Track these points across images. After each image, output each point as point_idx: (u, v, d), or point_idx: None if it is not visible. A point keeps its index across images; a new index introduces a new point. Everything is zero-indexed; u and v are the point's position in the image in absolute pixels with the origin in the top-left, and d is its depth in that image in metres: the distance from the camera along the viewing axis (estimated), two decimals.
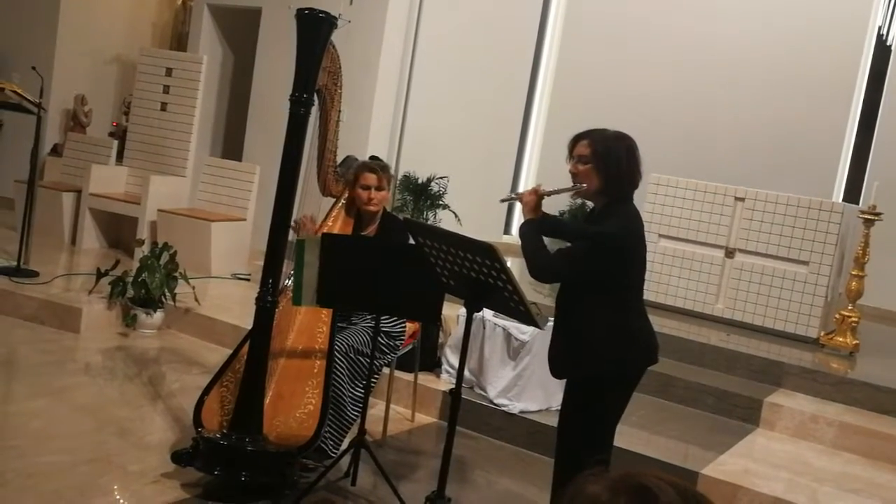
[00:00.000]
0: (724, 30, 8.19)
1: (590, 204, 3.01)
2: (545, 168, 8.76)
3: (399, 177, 7.11)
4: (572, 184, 2.86)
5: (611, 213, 2.81)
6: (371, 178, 3.90)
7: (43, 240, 6.51)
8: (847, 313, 5.44)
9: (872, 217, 5.33)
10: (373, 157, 4.17)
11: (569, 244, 2.95)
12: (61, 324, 5.22)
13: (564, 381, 3.02)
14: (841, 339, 5.44)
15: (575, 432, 2.92)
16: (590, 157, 2.79)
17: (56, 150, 8.03)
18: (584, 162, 2.81)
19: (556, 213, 7.53)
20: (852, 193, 7.98)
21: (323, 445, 3.54)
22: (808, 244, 5.71)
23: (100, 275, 5.35)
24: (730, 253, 5.99)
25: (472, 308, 2.87)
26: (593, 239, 2.79)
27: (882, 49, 8.07)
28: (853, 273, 5.44)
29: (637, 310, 2.89)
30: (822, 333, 5.63)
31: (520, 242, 2.86)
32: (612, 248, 2.76)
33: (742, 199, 5.96)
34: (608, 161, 2.77)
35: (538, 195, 2.88)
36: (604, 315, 2.81)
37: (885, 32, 8.11)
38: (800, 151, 7.85)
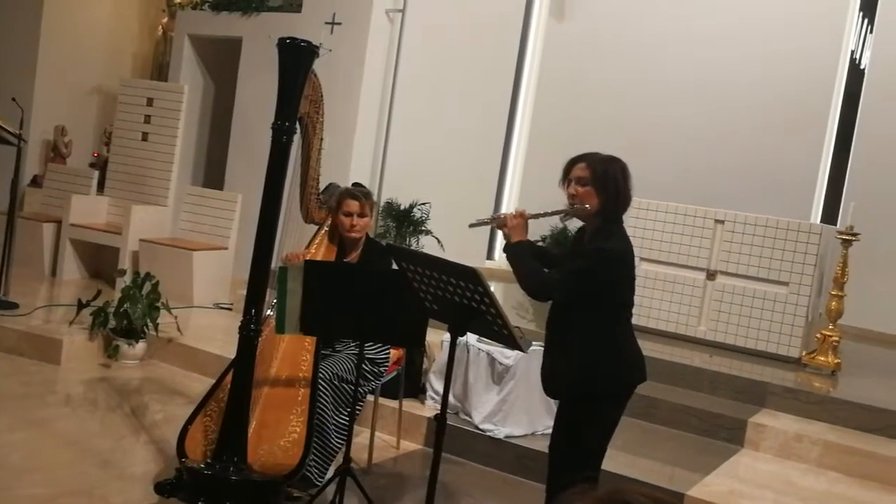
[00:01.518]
0: (703, 54, 8.31)
1: (572, 228, 3.05)
2: (527, 192, 8.82)
3: (381, 203, 7.13)
4: (570, 205, 2.91)
5: (607, 233, 2.88)
6: (353, 205, 3.91)
7: (23, 271, 6.46)
8: (828, 333, 5.48)
9: (850, 238, 5.40)
10: (356, 184, 4.19)
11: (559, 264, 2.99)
12: (42, 356, 5.17)
13: (550, 403, 3.03)
14: (823, 359, 5.48)
15: (567, 452, 2.94)
16: (589, 179, 2.86)
17: (36, 181, 8.00)
18: (582, 184, 2.87)
19: (538, 238, 7.62)
20: (830, 214, 8.08)
21: (308, 474, 3.51)
22: (788, 265, 5.77)
23: (81, 306, 5.31)
24: (711, 275, 6.04)
25: (457, 333, 2.87)
26: (593, 255, 2.84)
27: (855, 72, 8.22)
28: (833, 293, 5.50)
29: (628, 329, 2.96)
30: (803, 353, 5.67)
31: (509, 264, 2.90)
32: (613, 265, 2.83)
33: (722, 222, 6.02)
34: (606, 182, 2.85)
35: (524, 217, 2.93)
36: (598, 333, 2.86)
37: (857, 56, 8.26)
38: (778, 174, 7.95)
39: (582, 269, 2.84)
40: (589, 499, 0.97)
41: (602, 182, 2.85)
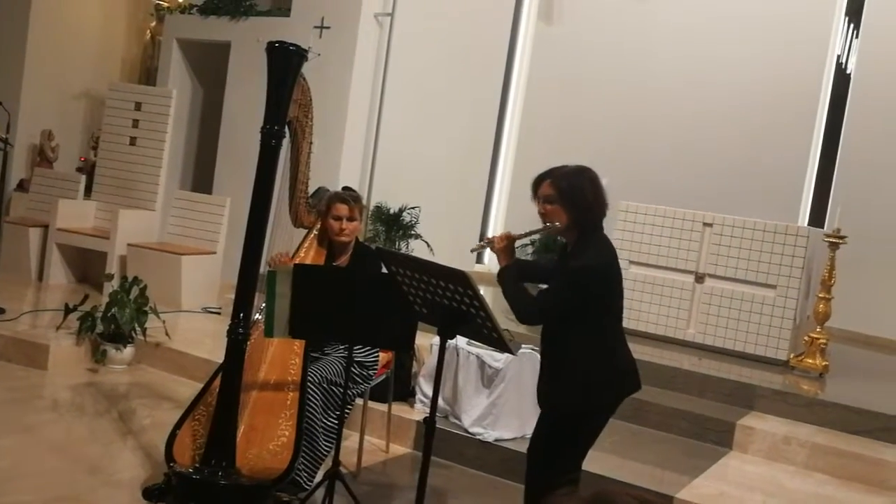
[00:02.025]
0: (690, 58, 8.34)
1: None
2: (516, 196, 8.82)
3: (371, 207, 7.12)
4: (543, 224, 2.91)
5: (586, 245, 2.86)
6: (343, 209, 3.91)
7: (9, 276, 6.43)
8: (816, 335, 5.51)
9: (837, 240, 5.43)
10: (345, 188, 4.19)
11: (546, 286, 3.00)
12: (29, 361, 5.14)
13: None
14: (810, 361, 5.51)
15: (548, 456, 2.94)
16: (555, 197, 2.85)
17: (22, 186, 7.95)
18: (550, 202, 2.87)
19: (527, 243, 7.61)
20: (817, 217, 8.12)
21: (297, 478, 3.50)
22: (776, 268, 5.79)
23: (68, 310, 5.28)
24: (699, 278, 6.06)
25: (446, 336, 2.87)
26: (576, 273, 2.82)
27: (841, 76, 8.27)
28: (820, 296, 5.52)
29: (619, 338, 2.96)
30: (791, 356, 5.69)
31: (500, 288, 2.92)
32: (595, 280, 2.81)
33: (710, 225, 6.04)
34: (574, 196, 2.83)
35: (510, 239, 2.95)
36: (590, 346, 2.86)
37: (843, 60, 8.32)
38: (765, 177, 7.98)
39: (565, 290, 2.84)
40: (575, 500, 0.97)
41: (569, 197, 2.83)
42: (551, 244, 7.66)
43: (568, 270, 2.86)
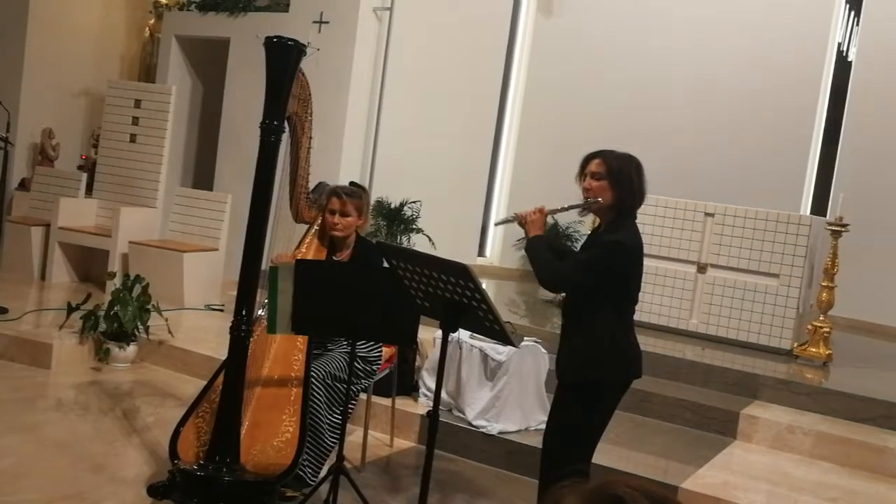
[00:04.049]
0: (691, 48, 8.32)
1: (584, 231, 3.10)
2: (517, 189, 8.81)
3: (372, 202, 7.11)
4: (584, 199, 3.00)
5: (621, 226, 2.97)
6: (335, 203, 3.87)
7: (12, 275, 6.43)
8: (819, 324, 5.50)
9: (839, 229, 5.42)
10: (352, 184, 4.16)
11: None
12: (32, 360, 5.14)
13: (544, 399, 3.06)
14: (814, 350, 5.50)
15: (563, 442, 2.98)
16: (604, 174, 2.96)
17: (24, 185, 7.95)
18: (597, 178, 2.96)
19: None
20: (819, 206, 8.11)
21: (301, 473, 3.51)
22: (778, 257, 5.79)
23: (71, 309, 5.28)
24: (702, 268, 6.05)
25: (448, 329, 2.87)
26: (607, 246, 2.92)
27: (842, 64, 8.25)
28: (823, 284, 5.51)
29: (629, 324, 3.04)
30: (795, 345, 5.69)
31: (528, 258, 3.01)
32: (623, 258, 2.91)
33: (712, 215, 6.03)
34: (621, 177, 2.95)
35: (543, 213, 3.04)
36: (601, 323, 2.95)
37: (844, 49, 8.29)
38: (767, 166, 7.97)
39: (593, 260, 2.94)
40: (579, 492, 0.97)
41: (616, 177, 2.94)
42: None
43: (600, 243, 2.97)
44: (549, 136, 8.48)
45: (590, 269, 2.91)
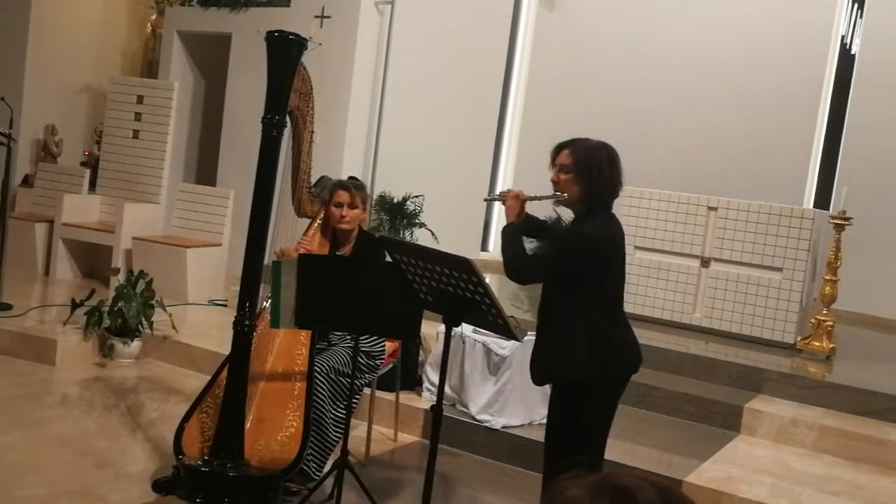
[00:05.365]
0: (693, 40, 8.31)
1: (566, 218, 3.06)
2: (520, 183, 8.77)
3: (374, 196, 7.11)
4: (553, 192, 2.90)
5: (589, 218, 2.85)
6: (343, 196, 3.89)
7: (16, 272, 6.43)
8: (822, 318, 5.49)
9: (843, 222, 5.41)
10: (351, 178, 4.17)
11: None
12: (36, 356, 5.15)
13: (547, 393, 3.03)
14: (817, 344, 5.50)
15: (560, 441, 2.94)
16: (571, 167, 2.83)
17: (27, 181, 7.96)
18: (565, 171, 2.85)
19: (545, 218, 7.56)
20: (822, 199, 8.10)
21: (306, 468, 3.51)
22: (781, 251, 5.78)
23: (75, 305, 5.29)
24: (705, 262, 6.05)
25: (451, 323, 2.87)
26: (568, 238, 2.85)
27: (846, 57, 8.22)
28: (826, 278, 5.50)
29: (615, 319, 2.90)
30: (798, 338, 5.68)
31: (501, 246, 2.92)
32: (586, 250, 2.77)
33: (715, 209, 6.03)
34: (590, 170, 2.81)
35: (520, 200, 2.94)
36: (577, 319, 2.82)
37: (848, 42, 8.27)
38: (770, 160, 7.95)
39: (556, 252, 2.86)
40: (582, 483, 0.97)
41: (585, 170, 2.81)
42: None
43: (563, 235, 2.90)
44: (551, 130, 8.42)
45: (553, 261, 2.83)
